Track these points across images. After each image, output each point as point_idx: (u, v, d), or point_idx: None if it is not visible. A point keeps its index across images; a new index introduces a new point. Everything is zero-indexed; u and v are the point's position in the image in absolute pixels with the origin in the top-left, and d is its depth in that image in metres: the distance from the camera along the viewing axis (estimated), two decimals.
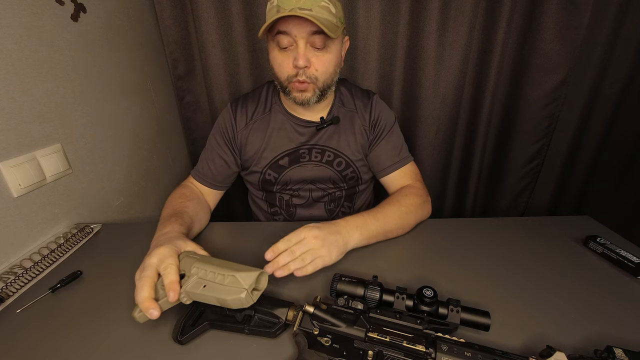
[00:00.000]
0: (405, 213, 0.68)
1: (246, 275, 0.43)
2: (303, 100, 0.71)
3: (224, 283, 0.43)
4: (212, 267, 0.44)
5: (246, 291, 0.42)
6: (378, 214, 0.65)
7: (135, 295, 0.43)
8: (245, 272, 0.43)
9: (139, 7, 1.00)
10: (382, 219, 0.64)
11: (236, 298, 0.42)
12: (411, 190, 0.75)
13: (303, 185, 0.83)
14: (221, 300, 0.42)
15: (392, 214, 0.66)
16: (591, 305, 0.50)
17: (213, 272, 0.44)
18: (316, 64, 0.67)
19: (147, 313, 0.42)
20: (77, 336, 0.46)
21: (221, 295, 0.42)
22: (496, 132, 1.21)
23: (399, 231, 0.67)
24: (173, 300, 0.43)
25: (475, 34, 1.04)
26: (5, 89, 0.60)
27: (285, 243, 0.53)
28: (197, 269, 0.45)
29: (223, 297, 0.42)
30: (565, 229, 0.70)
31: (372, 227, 0.62)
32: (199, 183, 0.81)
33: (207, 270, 0.44)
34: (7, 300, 0.51)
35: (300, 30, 0.63)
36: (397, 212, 0.67)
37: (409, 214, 0.68)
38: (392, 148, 0.81)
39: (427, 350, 0.38)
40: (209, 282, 0.44)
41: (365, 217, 0.63)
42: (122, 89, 0.92)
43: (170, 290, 0.42)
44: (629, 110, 1.10)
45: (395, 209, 0.68)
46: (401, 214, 0.67)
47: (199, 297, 0.43)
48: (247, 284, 0.42)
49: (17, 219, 0.62)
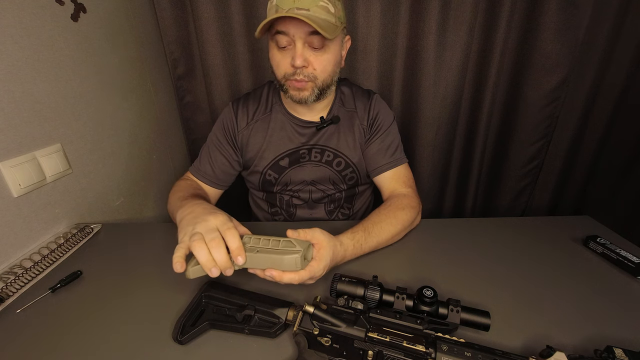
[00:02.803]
0: (399, 230, 0.67)
1: (299, 241, 0.48)
2: (301, 99, 0.71)
3: (278, 247, 0.47)
4: (262, 237, 0.48)
5: (300, 252, 0.46)
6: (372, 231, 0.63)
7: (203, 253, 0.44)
8: (299, 240, 0.49)
9: (139, 7, 1.00)
10: (376, 236, 0.63)
11: (292, 258, 0.45)
12: (408, 202, 0.72)
13: (303, 186, 0.83)
14: (277, 260, 0.46)
15: (388, 231, 0.65)
16: (591, 305, 0.50)
17: (266, 240, 0.48)
18: (314, 63, 0.67)
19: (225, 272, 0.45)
20: (77, 336, 0.46)
21: (277, 254, 0.46)
22: (496, 132, 1.21)
23: (389, 242, 0.66)
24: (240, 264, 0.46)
25: (475, 34, 1.04)
26: (5, 89, 0.60)
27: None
28: (247, 238, 0.49)
29: (279, 257, 0.45)
30: (565, 229, 0.70)
31: (365, 246, 0.61)
32: (199, 181, 0.81)
33: (259, 239, 0.48)
34: (7, 300, 0.51)
35: (298, 31, 0.63)
36: (392, 230, 0.66)
37: (402, 230, 0.68)
38: (386, 147, 0.80)
39: (427, 350, 0.38)
40: (261, 248, 0.47)
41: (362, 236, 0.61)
42: (122, 89, 0.92)
43: (239, 255, 0.45)
44: (629, 110, 1.10)
45: (392, 227, 0.66)
46: (395, 230, 0.66)
47: (254, 260, 0.46)
48: (302, 247, 0.47)
49: (17, 219, 0.62)
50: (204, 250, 0.44)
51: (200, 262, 0.44)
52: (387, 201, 0.74)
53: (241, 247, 0.46)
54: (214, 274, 0.44)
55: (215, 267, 0.44)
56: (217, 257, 0.44)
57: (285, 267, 0.46)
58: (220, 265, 0.45)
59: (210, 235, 0.46)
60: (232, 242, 0.46)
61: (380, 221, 0.66)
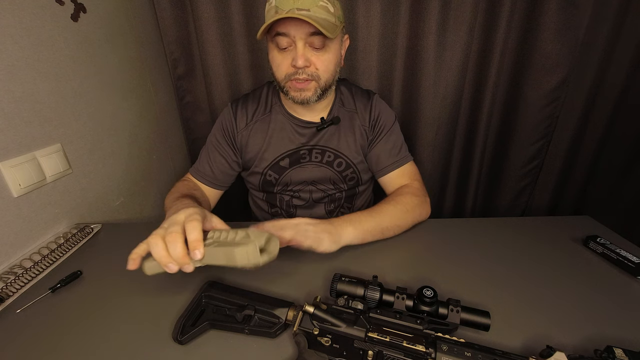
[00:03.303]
0: (401, 211, 0.68)
1: (258, 232, 0.45)
2: (302, 100, 0.70)
3: (235, 240, 0.43)
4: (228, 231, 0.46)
5: (254, 244, 0.41)
6: (373, 212, 0.66)
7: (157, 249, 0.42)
8: (258, 231, 0.45)
9: (139, 7, 1.00)
10: (377, 216, 0.65)
11: (243, 249, 0.41)
12: (408, 190, 0.75)
13: (303, 186, 0.83)
14: (228, 254, 0.42)
15: (387, 211, 0.66)
16: (591, 305, 0.50)
17: (227, 233, 0.45)
18: (317, 63, 0.67)
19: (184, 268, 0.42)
20: (77, 336, 0.46)
21: (230, 246, 0.42)
22: (496, 132, 1.21)
23: (396, 229, 0.67)
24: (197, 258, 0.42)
25: (475, 34, 1.04)
26: (5, 89, 0.60)
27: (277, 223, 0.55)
28: (212, 233, 0.46)
29: (231, 249, 0.41)
30: (565, 229, 0.70)
31: (366, 224, 0.62)
32: (198, 181, 0.81)
33: (222, 233, 0.45)
34: (7, 300, 0.51)
35: (299, 31, 0.63)
36: (392, 210, 0.67)
37: (405, 212, 0.68)
38: (391, 147, 0.81)
39: (427, 350, 0.38)
40: (221, 241, 0.44)
41: (360, 215, 0.64)
42: (122, 89, 0.92)
43: (195, 249, 0.42)
44: (629, 110, 1.10)
45: (391, 207, 0.68)
46: (397, 212, 0.67)
47: (209, 256, 0.43)
48: (257, 239, 0.42)
49: (17, 219, 0.62)
50: (159, 244, 0.42)
51: (154, 257, 0.42)
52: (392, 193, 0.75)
53: (199, 240, 0.42)
54: (171, 270, 0.42)
55: (172, 262, 0.42)
56: (172, 251, 0.42)
57: (238, 261, 0.42)
58: (177, 261, 0.42)
59: (170, 229, 0.43)
60: (190, 234, 0.43)
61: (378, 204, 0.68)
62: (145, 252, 0.44)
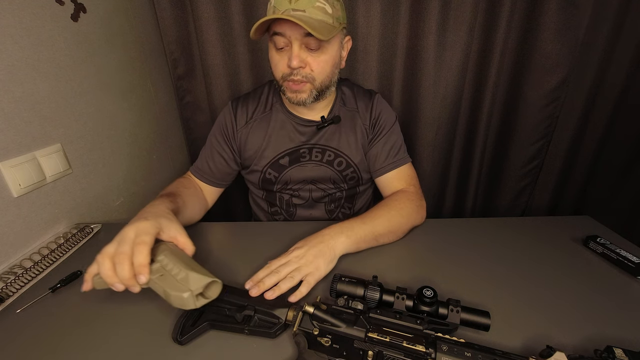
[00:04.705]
0: (395, 217, 0.66)
1: (198, 277, 0.43)
2: (298, 101, 0.70)
3: (177, 278, 0.43)
4: (177, 260, 0.45)
5: (190, 292, 0.42)
6: (366, 218, 0.64)
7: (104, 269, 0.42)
8: (198, 275, 0.44)
9: (139, 7, 1.00)
10: (370, 222, 0.63)
11: (178, 296, 0.42)
12: (403, 195, 0.73)
13: (303, 185, 0.83)
14: (166, 293, 0.42)
15: (381, 217, 0.65)
16: (591, 305, 0.50)
17: (174, 265, 0.44)
18: (312, 64, 0.67)
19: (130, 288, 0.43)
20: (77, 336, 0.46)
21: (168, 288, 0.42)
22: (496, 132, 1.21)
23: (390, 236, 0.65)
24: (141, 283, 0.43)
25: (475, 34, 1.04)
26: (5, 89, 0.60)
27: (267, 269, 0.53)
28: (163, 257, 0.45)
29: (168, 291, 0.42)
30: (565, 229, 0.70)
31: (359, 231, 0.61)
32: (198, 179, 0.81)
33: (170, 262, 0.45)
34: (7, 300, 0.51)
35: (294, 32, 0.63)
36: (386, 216, 0.66)
37: (400, 217, 0.67)
38: (390, 148, 0.80)
39: (427, 350, 0.38)
40: (166, 272, 0.44)
41: (352, 222, 0.62)
42: (122, 89, 0.92)
43: (140, 274, 0.42)
44: (629, 110, 1.10)
45: (385, 212, 0.66)
46: (391, 218, 0.66)
47: (152, 284, 0.44)
48: (194, 286, 0.42)
49: (17, 219, 0.62)
50: (106, 264, 0.43)
51: (102, 275, 0.43)
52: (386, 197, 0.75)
53: (144, 265, 0.43)
54: (117, 289, 0.43)
55: (118, 282, 0.43)
56: (119, 272, 0.42)
57: (173, 303, 0.42)
58: (122, 282, 0.43)
59: (119, 248, 0.44)
60: (135, 258, 0.43)
61: (372, 210, 0.67)
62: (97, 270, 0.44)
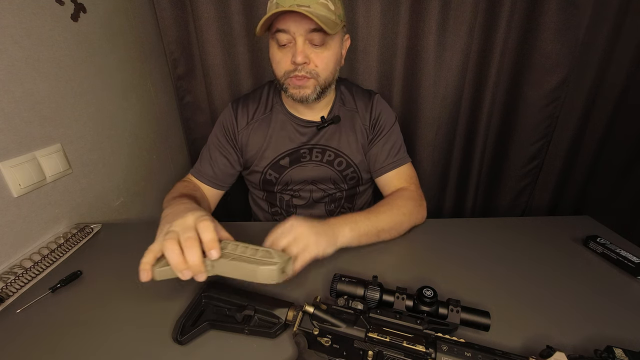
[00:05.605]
0: (397, 215, 0.67)
1: (279, 253, 0.45)
2: (302, 97, 0.70)
3: (255, 256, 0.44)
4: (241, 244, 0.45)
5: (278, 264, 0.42)
6: (369, 213, 0.65)
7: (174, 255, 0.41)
8: (277, 251, 0.46)
9: (139, 7, 1.00)
10: (374, 218, 0.64)
11: (267, 269, 0.42)
12: (405, 193, 0.74)
13: (304, 185, 0.83)
14: (251, 270, 0.42)
15: (383, 213, 0.66)
16: (591, 305, 0.50)
17: (243, 247, 0.45)
18: (316, 60, 0.67)
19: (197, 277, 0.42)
20: (77, 336, 0.45)
21: (252, 264, 0.42)
22: (496, 132, 1.21)
23: (392, 232, 0.66)
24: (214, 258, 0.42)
25: (475, 34, 1.04)
26: (5, 89, 0.60)
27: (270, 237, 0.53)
28: (225, 243, 0.46)
29: (254, 267, 0.42)
30: (565, 229, 0.70)
31: (362, 225, 0.61)
32: (200, 182, 0.81)
33: (236, 245, 0.45)
34: (7, 300, 0.51)
35: (299, 27, 0.63)
36: (389, 213, 0.66)
37: (402, 215, 0.67)
38: (390, 148, 0.81)
39: (427, 350, 0.38)
40: (238, 255, 0.44)
41: (356, 216, 0.63)
42: (122, 89, 0.92)
43: (212, 249, 0.41)
44: (629, 110, 1.10)
45: (387, 209, 0.67)
46: (393, 215, 0.66)
47: (227, 268, 0.43)
48: (280, 259, 0.44)
49: (17, 219, 0.62)
50: (176, 250, 0.41)
51: (171, 263, 0.41)
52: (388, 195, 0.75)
53: (216, 239, 0.42)
54: (185, 277, 0.41)
55: (187, 269, 0.41)
56: (190, 258, 0.41)
57: (260, 279, 0.43)
58: (192, 268, 0.41)
59: (185, 234, 0.42)
60: (205, 234, 0.42)
61: (374, 206, 0.67)
62: (154, 259, 0.43)
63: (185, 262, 0.41)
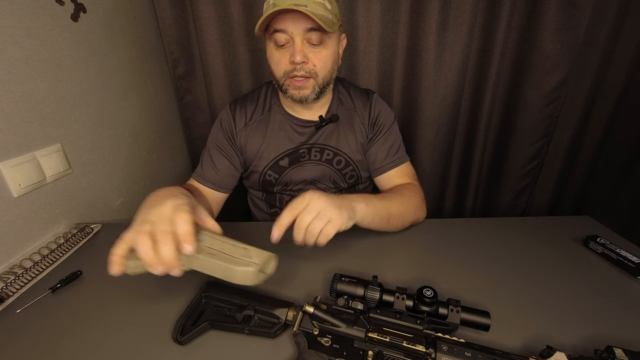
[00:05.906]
0: (407, 204, 0.68)
1: (259, 252, 0.43)
2: (301, 98, 0.70)
3: (233, 254, 0.41)
4: (221, 238, 0.43)
5: (256, 266, 0.40)
6: (383, 196, 0.66)
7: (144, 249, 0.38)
8: (257, 249, 0.43)
9: (138, 7, 1.00)
10: (387, 200, 0.65)
11: (244, 270, 0.39)
12: (412, 187, 0.76)
13: (303, 185, 0.83)
14: (228, 269, 0.40)
15: (394, 199, 0.67)
16: (591, 305, 0.50)
17: (222, 242, 0.42)
18: (314, 59, 0.68)
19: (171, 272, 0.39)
20: (77, 336, 0.46)
21: (229, 264, 0.39)
22: (496, 132, 1.21)
23: (400, 220, 0.67)
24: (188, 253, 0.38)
25: (475, 34, 1.04)
26: (5, 89, 0.60)
27: (290, 212, 0.50)
28: (205, 236, 0.43)
29: (231, 266, 0.39)
30: (565, 229, 0.70)
31: (377, 204, 0.62)
32: (203, 186, 0.80)
33: (215, 240, 0.42)
34: (7, 300, 0.51)
35: (297, 27, 0.64)
36: (400, 199, 0.68)
37: (410, 205, 0.69)
38: (389, 147, 0.81)
39: (427, 350, 0.38)
40: (216, 251, 0.41)
41: (370, 195, 0.64)
42: (122, 89, 0.92)
43: (186, 242, 0.38)
44: (629, 110, 1.10)
45: (398, 196, 0.69)
46: (404, 202, 0.68)
47: (202, 264, 0.40)
48: (259, 259, 0.41)
49: (17, 219, 0.62)
50: (147, 243, 0.38)
51: (141, 257, 0.38)
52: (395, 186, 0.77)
53: (191, 233, 0.39)
54: (157, 272, 0.38)
55: (160, 264, 0.38)
56: (162, 252, 0.38)
57: (236, 280, 0.40)
58: (165, 263, 0.38)
59: (160, 227, 0.39)
60: (181, 227, 0.39)
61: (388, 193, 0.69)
62: (126, 251, 0.40)
63: (157, 257, 0.38)
